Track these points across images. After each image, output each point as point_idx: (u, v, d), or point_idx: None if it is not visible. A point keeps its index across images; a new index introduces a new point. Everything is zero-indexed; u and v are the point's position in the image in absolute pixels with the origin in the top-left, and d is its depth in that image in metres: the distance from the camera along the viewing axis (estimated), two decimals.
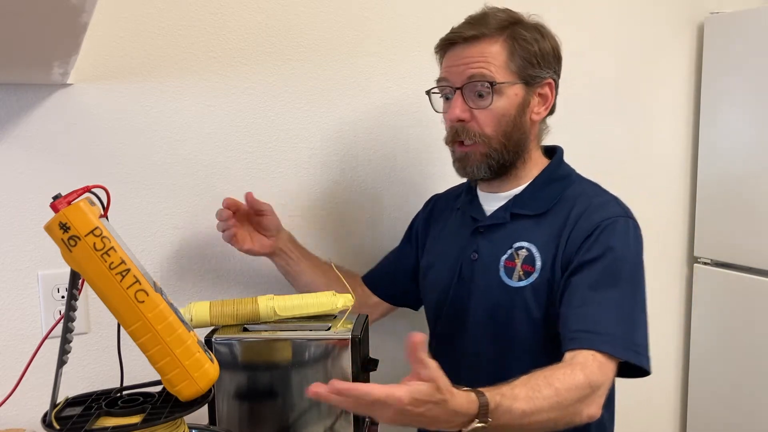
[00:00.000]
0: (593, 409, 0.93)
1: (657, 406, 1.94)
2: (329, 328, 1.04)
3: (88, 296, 1.23)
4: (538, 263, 1.08)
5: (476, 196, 1.21)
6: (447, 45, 1.12)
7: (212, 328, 1.07)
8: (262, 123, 1.34)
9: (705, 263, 1.86)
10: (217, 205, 1.21)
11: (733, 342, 1.78)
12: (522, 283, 1.09)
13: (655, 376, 1.97)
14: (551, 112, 1.15)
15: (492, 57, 1.07)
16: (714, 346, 1.84)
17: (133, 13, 1.21)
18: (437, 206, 1.33)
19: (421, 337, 0.76)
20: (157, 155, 1.25)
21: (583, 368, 0.93)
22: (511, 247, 1.12)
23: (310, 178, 1.39)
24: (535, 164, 1.16)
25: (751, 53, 1.70)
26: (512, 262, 1.10)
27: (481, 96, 1.07)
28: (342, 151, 1.42)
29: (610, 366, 0.96)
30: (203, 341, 0.90)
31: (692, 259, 1.90)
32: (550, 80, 1.12)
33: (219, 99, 1.29)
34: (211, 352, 1.04)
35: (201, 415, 1.11)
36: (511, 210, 1.14)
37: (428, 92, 1.17)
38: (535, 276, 1.08)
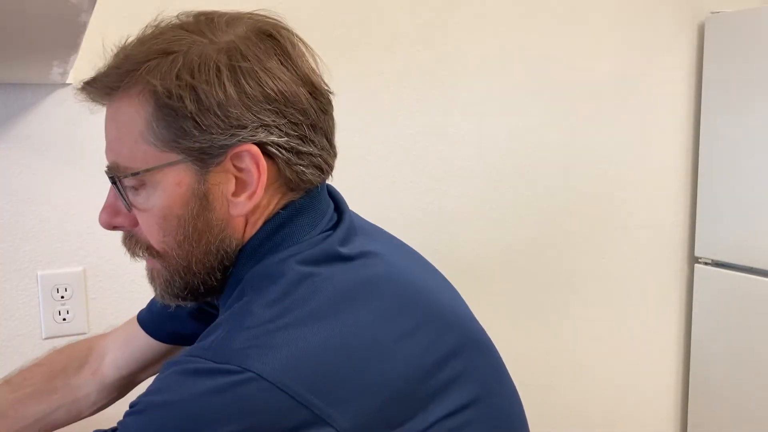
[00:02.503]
0: None
1: (657, 406, 1.93)
2: None
3: (87, 296, 1.22)
4: None
5: None
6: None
7: None
8: None
9: (705, 263, 1.85)
10: None
11: (733, 342, 1.78)
12: None
13: (655, 376, 1.97)
14: (294, 186, 0.65)
15: (125, 126, 0.63)
16: (714, 347, 1.84)
17: (133, 13, 1.21)
18: None
19: None
20: None
21: None
22: None
23: None
24: None
25: (751, 53, 1.70)
26: None
27: (135, 189, 0.64)
28: (342, 151, 1.42)
29: None
30: None
31: (692, 259, 1.89)
32: (248, 146, 0.61)
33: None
34: None
35: None
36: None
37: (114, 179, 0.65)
38: None
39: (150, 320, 0.89)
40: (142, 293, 1.26)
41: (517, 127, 1.59)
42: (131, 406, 0.57)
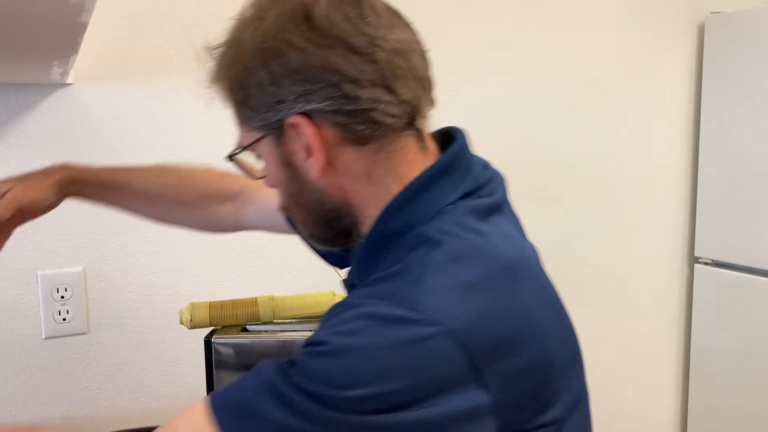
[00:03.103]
0: None
1: (657, 406, 1.94)
2: None
3: (87, 296, 1.23)
4: None
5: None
6: None
7: (212, 328, 1.07)
8: None
9: (705, 263, 1.85)
10: None
11: (733, 342, 1.78)
12: None
13: (655, 377, 1.97)
14: (360, 142, 0.67)
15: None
16: (714, 347, 1.84)
17: (133, 13, 1.21)
18: None
19: None
20: (157, 155, 1.25)
21: None
22: None
23: None
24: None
25: (751, 53, 1.70)
26: None
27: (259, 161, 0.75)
28: None
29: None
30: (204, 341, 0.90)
31: (692, 259, 1.89)
32: (294, 118, 0.66)
33: (218, 98, 1.29)
34: (211, 352, 1.04)
35: None
36: (351, 280, 0.75)
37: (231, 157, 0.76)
38: None
39: None
40: (142, 293, 1.27)
41: (516, 127, 1.59)
42: (315, 343, 0.58)
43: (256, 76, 0.66)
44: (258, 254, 1.35)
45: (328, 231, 0.73)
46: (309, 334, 1.01)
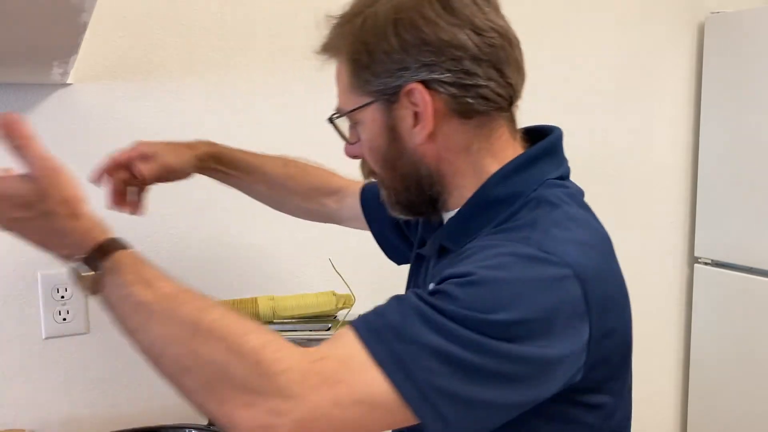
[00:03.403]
0: (247, 416, 0.57)
1: (657, 407, 1.94)
2: (329, 328, 1.04)
3: (87, 296, 1.23)
4: None
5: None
6: None
7: None
8: (262, 123, 1.34)
9: (705, 263, 1.85)
10: (218, 204, 1.21)
11: (733, 342, 1.78)
12: None
13: (655, 377, 1.97)
14: (467, 115, 0.74)
15: (340, 77, 0.78)
16: (714, 347, 1.84)
17: (133, 13, 1.21)
18: None
19: (15, 116, 0.61)
20: None
21: (276, 348, 0.59)
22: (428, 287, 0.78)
23: None
24: (480, 179, 0.77)
25: (751, 53, 1.70)
26: None
27: (352, 128, 0.80)
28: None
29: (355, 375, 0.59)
30: None
31: (692, 259, 1.89)
32: (412, 84, 0.72)
33: (219, 99, 1.29)
34: None
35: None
36: (440, 242, 0.81)
37: (331, 119, 0.84)
38: None
39: (370, 205, 1.07)
40: None
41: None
42: (462, 275, 0.63)
43: (386, 43, 0.72)
44: (259, 255, 1.35)
45: (417, 197, 0.78)
46: (309, 334, 1.02)
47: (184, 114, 1.26)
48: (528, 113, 1.36)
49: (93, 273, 0.66)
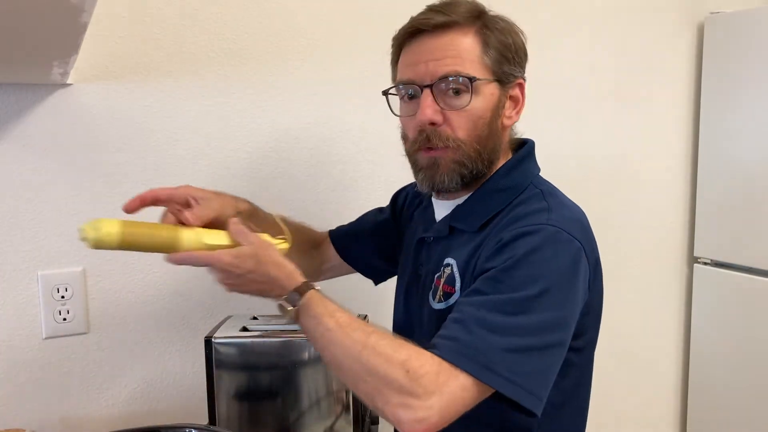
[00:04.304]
0: (407, 414, 0.77)
1: (657, 406, 1.94)
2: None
3: (87, 296, 1.23)
4: (458, 283, 0.93)
5: (431, 203, 1.05)
6: (410, 35, 0.95)
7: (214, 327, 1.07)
8: (262, 123, 1.34)
9: (705, 263, 1.85)
10: None
11: (733, 342, 1.78)
12: (441, 306, 0.95)
13: (655, 376, 1.97)
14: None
15: (465, 50, 0.91)
16: (714, 346, 1.84)
17: (133, 13, 1.21)
18: (419, 201, 1.15)
19: (235, 219, 0.89)
20: (157, 155, 1.25)
21: (417, 358, 0.79)
22: (442, 265, 0.97)
23: (309, 179, 1.39)
24: (491, 170, 0.98)
25: (751, 53, 1.70)
26: (439, 281, 0.96)
27: (457, 94, 0.91)
28: (344, 151, 1.42)
29: (453, 380, 0.78)
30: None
31: (692, 259, 1.90)
32: (521, 80, 0.98)
33: (219, 99, 1.29)
34: (211, 351, 1.04)
35: (201, 415, 1.11)
36: (450, 223, 0.98)
37: (385, 92, 0.99)
38: (454, 297, 0.93)
39: (343, 246, 1.22)
40: (142, 293, 1.27)
41: (515, 127, 1.58)
42: (525, 234, 0.86)
43: (519, 40, 0.97)
44: None
45: (480, 168, 0.94)
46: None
47: (183, 114, 1.27)
48: (528, 113, 1.37)
49: (293, 307, 0.84)
